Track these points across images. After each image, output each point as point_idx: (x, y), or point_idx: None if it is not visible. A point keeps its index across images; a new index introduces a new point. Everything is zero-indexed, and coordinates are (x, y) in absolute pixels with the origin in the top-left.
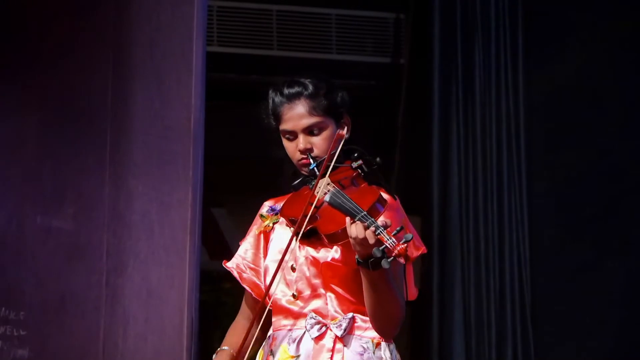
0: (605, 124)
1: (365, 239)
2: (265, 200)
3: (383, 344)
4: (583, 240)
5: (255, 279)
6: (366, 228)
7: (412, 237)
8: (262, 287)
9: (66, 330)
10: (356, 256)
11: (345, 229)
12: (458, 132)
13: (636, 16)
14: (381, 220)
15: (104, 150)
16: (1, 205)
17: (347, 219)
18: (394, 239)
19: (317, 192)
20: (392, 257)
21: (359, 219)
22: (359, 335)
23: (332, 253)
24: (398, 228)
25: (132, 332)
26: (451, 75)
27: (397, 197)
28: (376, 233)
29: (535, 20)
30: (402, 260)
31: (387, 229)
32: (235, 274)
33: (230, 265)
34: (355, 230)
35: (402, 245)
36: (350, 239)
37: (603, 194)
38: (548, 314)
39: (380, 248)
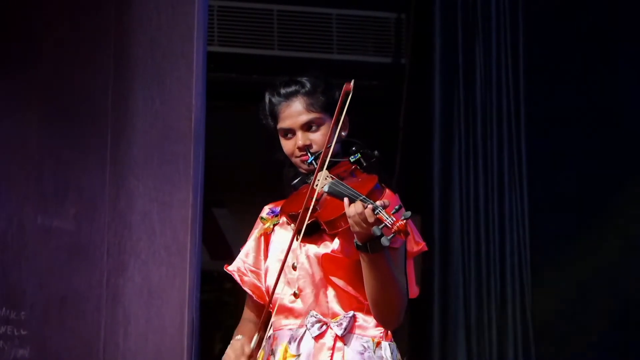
0: (607, 124)
1: (364, 217)
2: (266, 200)
3: (384, 343)
4: (584, 241)
5: (256, 281)
6: (364, 206)
7: (410, 215)
8: (263, 289)
9: (67, 330)
10: (355, 240)
11: (344, 215)
12: (459, 132)
13: (636, 15)
14: (379, 201)
15: (105, 150)
16: (2, 205)
17: (346, 200)
18: (392, 217)
19: (316, 185)
20: (392, 235)
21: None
22: (359, 334)
23: (332, 246)
24: (397, 207)
25: (133, 332)
26: (452, 75)
27: (396, 194)
28: (375, 212)
29: (535, 20)
30: (402, 237)
31: (385, 208)
32: (236, 277)
33: (231, 268)
34: (354, 208)
35: (402, 222)
36: (349, 220)
37: (605, 195)
38: (549, 314)
39: (380, 227)
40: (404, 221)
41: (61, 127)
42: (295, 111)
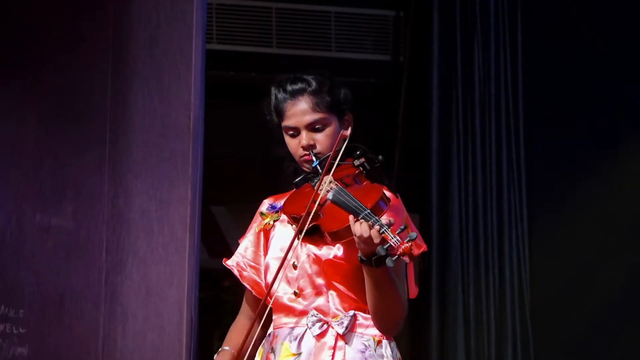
0: (606, 121)
1: (370, 237)
2: (265, 198)
3: (384, 341)
4: (583, 239)
5: (255, 277)
6: (370, 227)
7: (416, 236)
8: (263, 285)
9: (65, 328)
10: (359, 254)
11: (348, 227)
12: (457, 130)
13: (636, 14)
14: (385, 218)
15: (104, 148)
16: (1, 203)
17: (351, 217)
18: (398, 238)
19: (320, 190)
20: (396, 256)
21: (362, 217)
22: (360, 333)
23: (335, 251)
24: (402, 227)
25: (131, 330)
26: (451, 73)
27: (398, 196)
28: (380, 232)
29: (534, 18)
30: (406, 259)
31: (391, 227)
32: (235, 272)
33: (230, 263)
34: (359, 228)
35: (407, 244)
36: (354, 237)
37: (604, 192)
38: (547, 312)
39: (385, 247)
40: (409, 244)
41: (59, 125)
42: (300, 110)
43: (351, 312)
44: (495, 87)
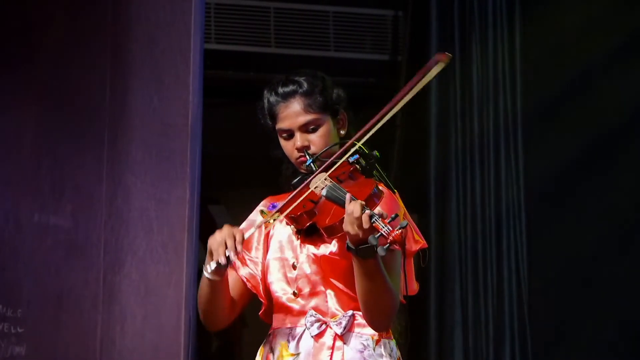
0: (605, 121)
1: (360, 219)
2: (264, 197)
3: (383, 340)
4: (581, 238)
5: (252, 270)
6: (362, 207)
7: (407, 224)
8: (259, 279)
9: (63, 328)
10: (347, 241)
11: (342, 221)
12: (456, 129)
13: (634, 9)
14: (377, 210)
15: (102, 147)
16: None
17: (347, 195)
18: (389, 227)
19: (315, 188)
20: (387, 244)
21: None
22: (359, 333)
23: (331, 247)
24: (393, 216)
25: (129, 329)
26: (449, 72)
27: (396, 192)
28: (372, 221)
29: (532, 18)
30: (397, 247)
31: (382, 218)
32: (235, 261)
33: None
34: (351, 206)
35: (397, 232)
36: (345, 217)
37: (602, 191)
38: (546, 311)
39: (376, 236)
40: (400, 231)
41: (58, 124)
42: (293, 112)
43: (349, 312)
44: (494, 86)
